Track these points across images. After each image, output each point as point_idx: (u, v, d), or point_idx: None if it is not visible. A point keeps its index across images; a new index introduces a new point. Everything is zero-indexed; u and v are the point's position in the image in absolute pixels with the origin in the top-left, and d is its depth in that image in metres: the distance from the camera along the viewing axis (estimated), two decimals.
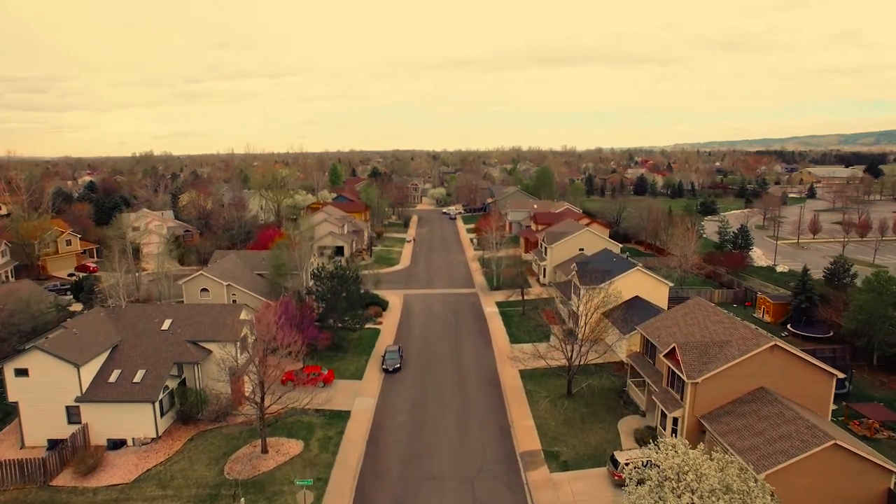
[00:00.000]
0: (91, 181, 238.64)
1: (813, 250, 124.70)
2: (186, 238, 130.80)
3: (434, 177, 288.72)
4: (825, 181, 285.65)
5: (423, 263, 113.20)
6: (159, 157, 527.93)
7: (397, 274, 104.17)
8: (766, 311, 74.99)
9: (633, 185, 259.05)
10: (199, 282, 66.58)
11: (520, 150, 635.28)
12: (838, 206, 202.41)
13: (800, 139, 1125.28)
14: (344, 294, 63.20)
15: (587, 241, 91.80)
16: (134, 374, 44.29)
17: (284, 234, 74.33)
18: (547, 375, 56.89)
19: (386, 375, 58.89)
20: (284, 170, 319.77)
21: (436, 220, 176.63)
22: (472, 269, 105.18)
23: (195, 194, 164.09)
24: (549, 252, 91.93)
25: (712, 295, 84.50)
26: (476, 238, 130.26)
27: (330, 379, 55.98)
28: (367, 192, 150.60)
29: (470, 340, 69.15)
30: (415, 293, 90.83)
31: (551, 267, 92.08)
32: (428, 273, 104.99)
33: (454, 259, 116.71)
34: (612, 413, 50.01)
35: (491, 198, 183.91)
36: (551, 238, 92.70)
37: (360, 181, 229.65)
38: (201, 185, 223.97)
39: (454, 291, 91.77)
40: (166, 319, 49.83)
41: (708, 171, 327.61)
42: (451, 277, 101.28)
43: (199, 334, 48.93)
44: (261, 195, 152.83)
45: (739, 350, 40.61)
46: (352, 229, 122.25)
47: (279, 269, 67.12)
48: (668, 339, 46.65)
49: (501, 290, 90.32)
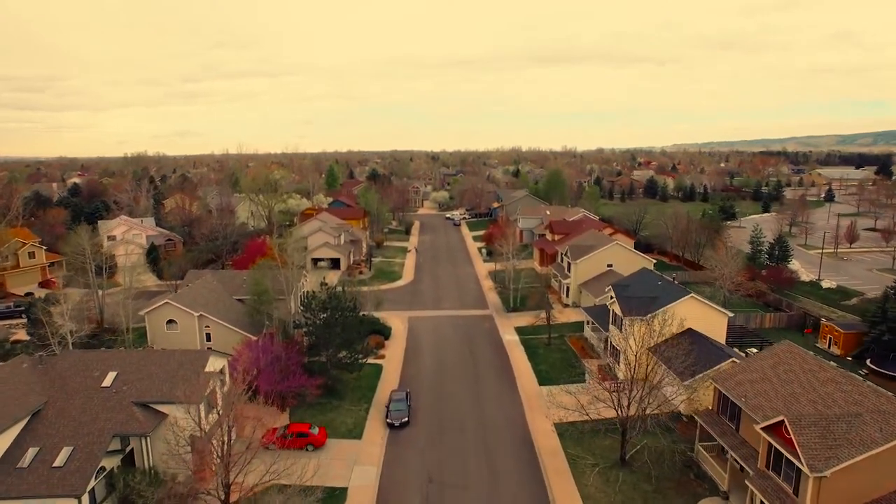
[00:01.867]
0: (76, 183, 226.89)
1: (855, 262, 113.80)
2: (168, 248, 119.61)
3: (435, 179, 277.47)
4: (838, 183, 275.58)
5: (428, 278, 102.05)
6: (152, 157, 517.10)
7: (400, 291, 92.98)
8: (835, 342, 64.08)
9: (642, 188, 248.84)
10: (164, 312, 55.38)
11: (520, 151, 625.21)
12: (863, 209, 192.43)
13: (799, 139, 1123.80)
14: (339, 328, 52.12)
15: (617, 257, 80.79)
16: (56, 453, 33.12)
17: (270, 251, 63.07)
18: (590, 431, 45.91)
19: (391, 432, 47.82)
20: (279, 171, 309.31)
21: (439, 226, 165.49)
22: (484, 287, 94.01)
23: (180, 198, 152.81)
24: (573, 269, 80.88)
25: (763, 319, 73.66)
26: (485, 248, 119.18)
27: (321, 440, 44.86)
28: (365, 196, 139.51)
29: (490, 380, 58.07)
30: (421, 315, 79.72)
31: (576, 285, 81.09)
32: (435, 290, 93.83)
33: (463, 273, 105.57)
34: (682, 492, 38.97)
35: (497, 202, 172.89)
36: (576, 253, 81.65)
37: (358, 184, 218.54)
38: (190, 188, 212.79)
39: (466, 314, 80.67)
40: (110, 372, 38.69)
41: (718, 173, 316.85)
42: (461, 296, 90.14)
43: (150, 392, 37.79)
44: (251, 200, 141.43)
45: (882, 432, 29.63)
46: (349, 239, 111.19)
47: (261, 296, 55.94)
48: (762, 401, 35.69)
49: (519, 311, 79.42)
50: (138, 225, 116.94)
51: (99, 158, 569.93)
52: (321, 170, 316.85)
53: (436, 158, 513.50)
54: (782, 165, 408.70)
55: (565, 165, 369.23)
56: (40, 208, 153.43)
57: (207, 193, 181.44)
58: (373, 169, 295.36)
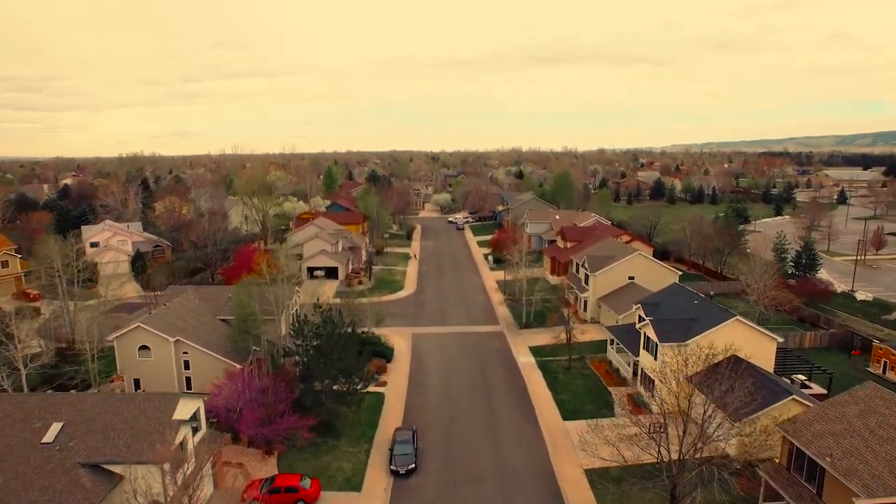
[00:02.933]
0: (66, 185, 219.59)
1: (885, 270, 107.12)
2: (156, 255, 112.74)
3: (436, 180, 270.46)
4: (848, 184, 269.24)
5: (432, 288, 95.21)
6: (148, 157, 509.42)
7: (402, 303, 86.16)
8: (891, 367, 57.37)
9: (649, 190, 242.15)
10: (136, 337, 48.49)
11: (520, 151, 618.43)
12: (879, 212, 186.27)
13: (798, 140, 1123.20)
14: (336, 355, 45.30)
15: (639, 268, 74.01)
16: None
17: (259, 265, 56.20)
18: (627, 479, 39.12)
19: (395, 480, 40.96)
20: (276, 172, 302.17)
21: (441, 230, 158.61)
22: (494, 299, 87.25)
23: (171, 201, 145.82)
24: (591, 282, 74.09)
25: (803, 339, 66.93)
26: (492, 255, 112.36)
27: (314, 495, 37.99)
28: (365, 199, 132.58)
29: (507, 413, 51.22)
30: (425, 332, 72.90)
31: (594, 299, 74.32)
32: (439, 302, 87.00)
33: (469, 283, 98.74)
34: None
35: (502, 205, 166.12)
36: (594, 264, 74.85)
37: (357, 185, 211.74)
38: (183, 190, 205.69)
39: (475, 330, 73.87)
40: (54, 423, 31.86)
41: (724, 174, 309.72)
42: (468, 309, 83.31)
43: (102, 450, 30.97)
44: (244, 203, 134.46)
45: None
46: (347, 246, 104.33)
47: (247, 320, 49.05)
48: (856, 465, 28.93)
49: (533, 328, 72.71)
50: (123, 231, 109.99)
51: (96, 159, 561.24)
52: (319, 170, 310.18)
53: (436, 159, 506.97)
54: (787, 166, 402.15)
55: (569, 167, 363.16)
56: (23, 211, 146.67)
57: (200, 196, 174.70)
58: (372, 170, 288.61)
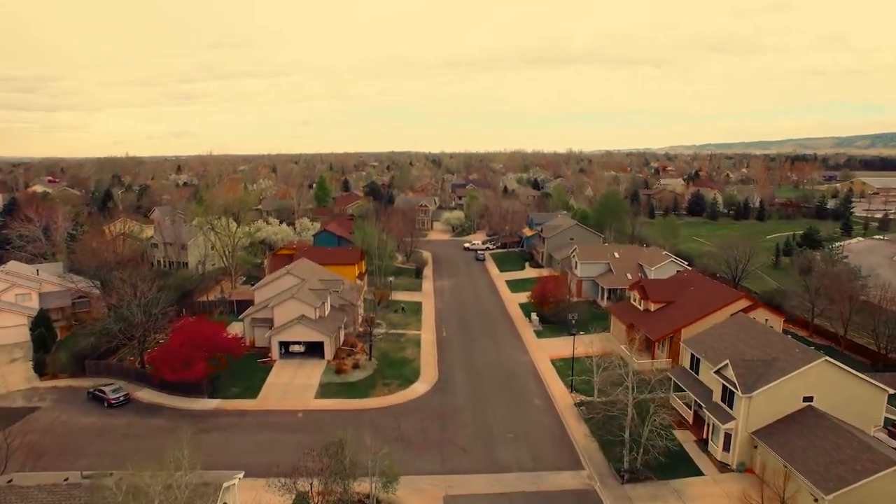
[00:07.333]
0: (14, 198, 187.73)
1: None
2: (78, 310, 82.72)
3: (443, 192, 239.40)
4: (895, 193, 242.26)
5: (461, 374, 65.32)
6: (131, 159, 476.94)
7: (420, 413, 55.90)
8: None
9: (687, 204, 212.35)
10: None
11: (525, 154, 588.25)
12: None
13: (796, 141, 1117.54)
14: None
15: (823, 382, 44.18)
16: None
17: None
18: None
19: None
20: (266, 180, 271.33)
21: (458, 261, 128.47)
22: (558, 401, 57.49)
23: (121, 224, 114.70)
24: (744, 406, 44.21)
25: None
26: (535, 311, 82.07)
27: None
28: (363, 231, 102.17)
29: None
30: (465, 493, 43.01)
31: (746, 433, 44.56)
32: (476, 408, 57.01)
33: (512, 363, 68.72)
34: None
35: (530, 228, 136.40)
36: (749, 375, 45.00)
37: (353, 200, 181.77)
38: (148, 204, 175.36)
39: (545, 484, 43.88)
40: None
41: (764, 183, 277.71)
42: (525, 427, 53.14)
43: None
44: (209, 228, 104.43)
45: None
46: (339, 304, 74.41)
47: None
48: None
49: (642, 482, 43.16)
50: (29, 277, 79.70)
51: (84, 159, 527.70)
52: (312, 176, 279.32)
53: (436, 161, 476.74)
54: (815, 171, 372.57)
55: (579, 173, 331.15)
56: None
57: (164, 215, 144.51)
58: (370, 181, 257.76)
